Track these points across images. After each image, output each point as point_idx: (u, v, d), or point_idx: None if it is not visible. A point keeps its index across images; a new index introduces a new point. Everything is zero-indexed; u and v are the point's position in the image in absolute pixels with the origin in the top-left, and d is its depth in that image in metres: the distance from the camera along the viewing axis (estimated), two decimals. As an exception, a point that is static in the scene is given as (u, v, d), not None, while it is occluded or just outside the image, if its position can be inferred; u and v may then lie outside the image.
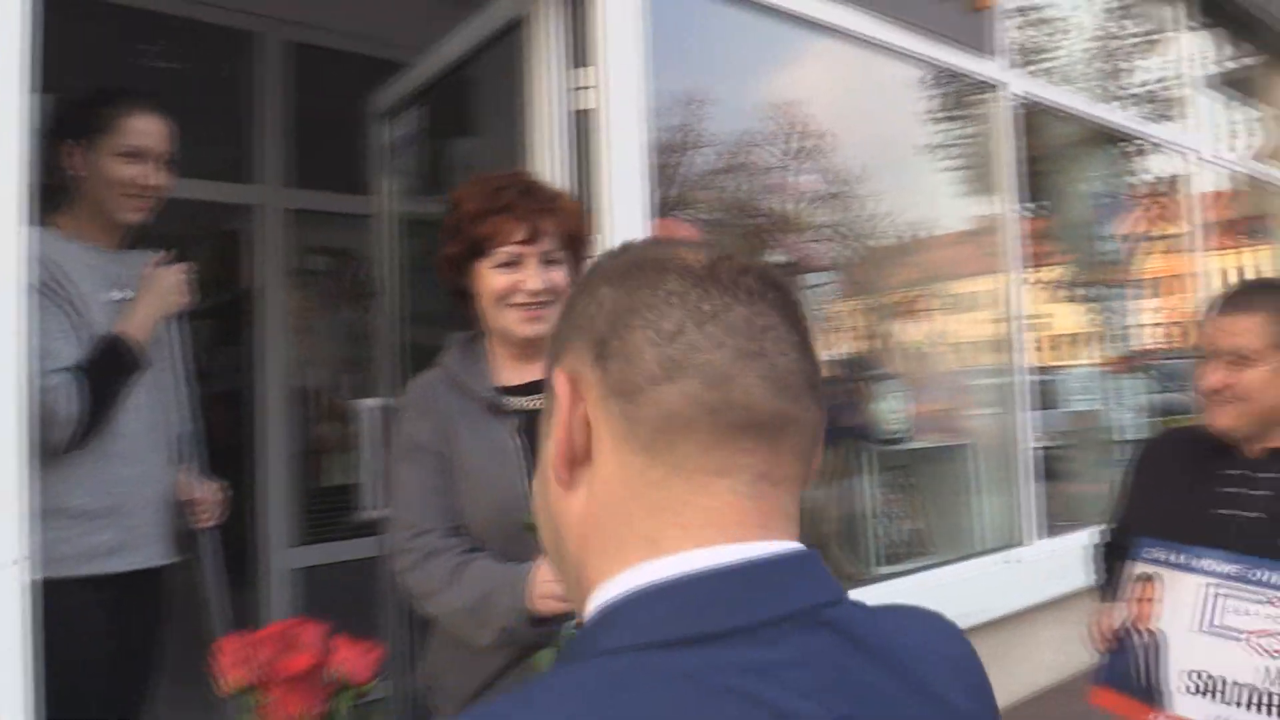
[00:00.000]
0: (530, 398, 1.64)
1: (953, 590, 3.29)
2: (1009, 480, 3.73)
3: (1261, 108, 5.99)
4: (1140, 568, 1.76)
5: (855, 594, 0.59)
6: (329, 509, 4.13)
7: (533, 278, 1.61)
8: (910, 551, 3.63)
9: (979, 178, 3.86)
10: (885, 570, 3.44)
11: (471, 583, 1.53)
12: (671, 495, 0.60)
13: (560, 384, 0.64)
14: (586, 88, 2.32)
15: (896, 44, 3.26)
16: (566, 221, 1.66)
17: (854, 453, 3.52)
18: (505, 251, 1.61)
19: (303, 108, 3.97)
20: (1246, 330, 1.67)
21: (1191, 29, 5.20)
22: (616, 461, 0.62)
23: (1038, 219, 4.22)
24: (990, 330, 3.84)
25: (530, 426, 1.57)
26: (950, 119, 3.82)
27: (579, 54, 2.33)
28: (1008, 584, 3.52)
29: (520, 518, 1.50)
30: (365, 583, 4.00)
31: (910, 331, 4.00)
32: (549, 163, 2.30)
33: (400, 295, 3.22)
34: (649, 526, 0.60)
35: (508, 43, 2.49)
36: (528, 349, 1.66)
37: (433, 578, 1.56)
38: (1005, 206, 3.77)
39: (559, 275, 1.64)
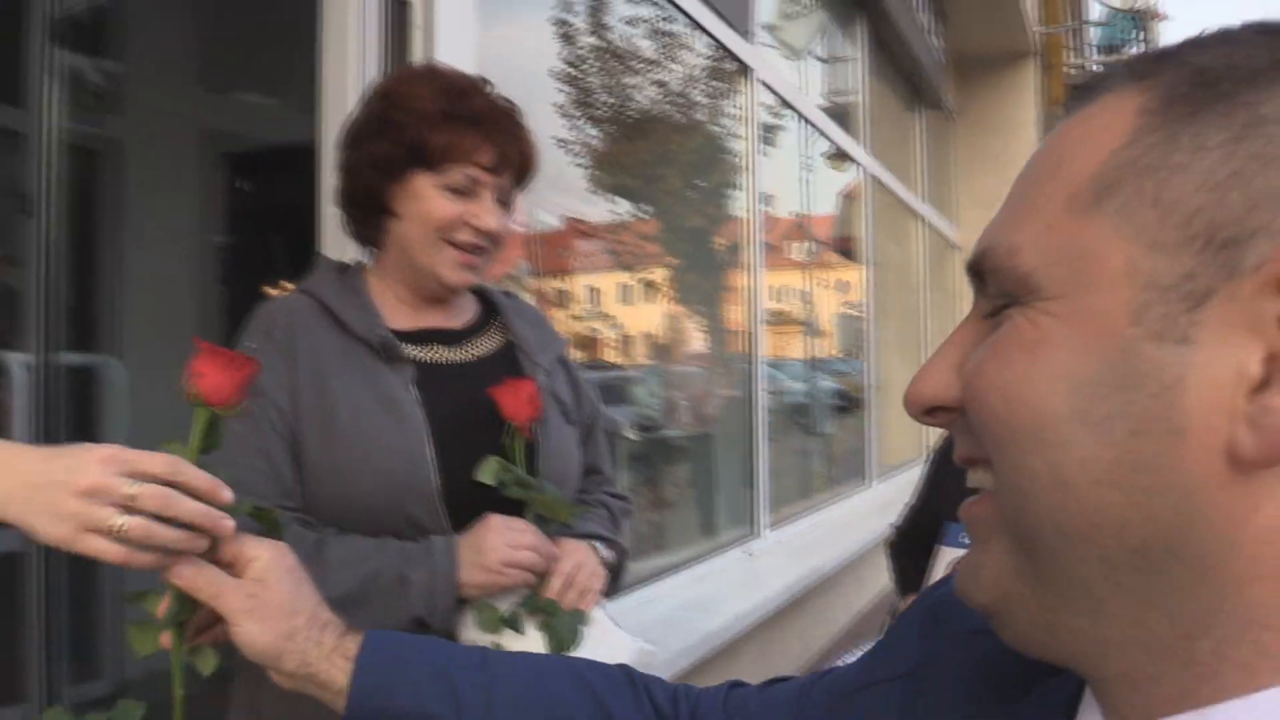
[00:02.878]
0: (425, 348, 1.30)
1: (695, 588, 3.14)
2: (748, 469, 3.68)
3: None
4: (956, 552, 1.75)
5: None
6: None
7: (488, 213, 1.25)
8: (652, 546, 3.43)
9: (729, 168, 3.77)
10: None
11: (344, 563, 1.14)
12: None
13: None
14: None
15: (686, 7, 3.02)
16: (528, 157, 1.31)
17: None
18: (462, 173, 1.23)
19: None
20: None
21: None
22: None
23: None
24: (732, 319, 3.77)
25: (425, 382, 1.25)
26: (712, 104, 3.68)
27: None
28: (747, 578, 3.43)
29: (428, 492, 1.20)
30: None
31: (661, 315, 3.83)
32: (355, 66, 1.78)
33: (58, 226, 2.44)
34: None
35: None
36: (431, 295, 1.31)
37: None
38: (751, 197, 3.69)
39: (506, 220, 1.30)
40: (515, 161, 1.29)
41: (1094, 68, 9.55)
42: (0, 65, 2.58)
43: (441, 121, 1.22)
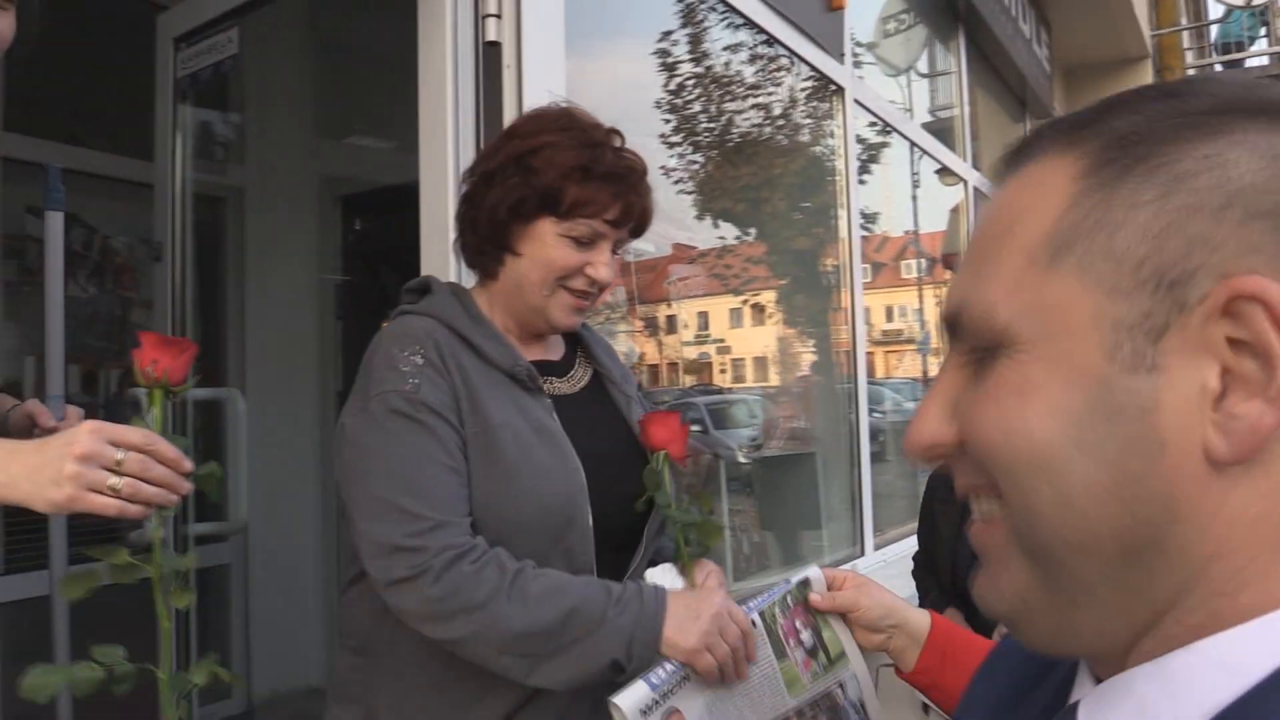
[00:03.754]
0: (563, 379, 1.37)
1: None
2: (853, 490, 3.64)
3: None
4: None
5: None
6: (35, 530, 3.37)
7: (605, 265, 1.31)
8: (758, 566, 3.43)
9: (832, 188, 3.76)
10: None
11: (547, 595, 1.14)
12: None
13: (1255, 291, 0.41)
14: (491, 16, 1.90)
15: (779, 34, 3.05)
16: (647, 213, 1.36)
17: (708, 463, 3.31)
18: (588, 225, 1.28)
19: (21, 35, 3.22)
20: None
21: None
22: None
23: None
24: (838, 340, 3.75)
25: (560, 412, 1.29)
26: (813, 125, 3.69)
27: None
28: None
29: (584, 523, 1.23)
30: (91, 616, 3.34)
31: (761, 335, 3.85)
32: (450, 106, 1.86)
33: (187, 270, 2.61)
34: None
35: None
36: (538, 331, 1.37)
37: (475, 585, 1.13)
38: (850, 217, 3.68)
39: (614, 267, 1.36)
40: (636, 217, 1.34)
41: (1215, 67, 9.17)
42: (135, 124, 2.77)
43: (579, 177, 1.27)
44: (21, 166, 3.34)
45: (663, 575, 1.26)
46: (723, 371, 4.06)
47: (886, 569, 3.70)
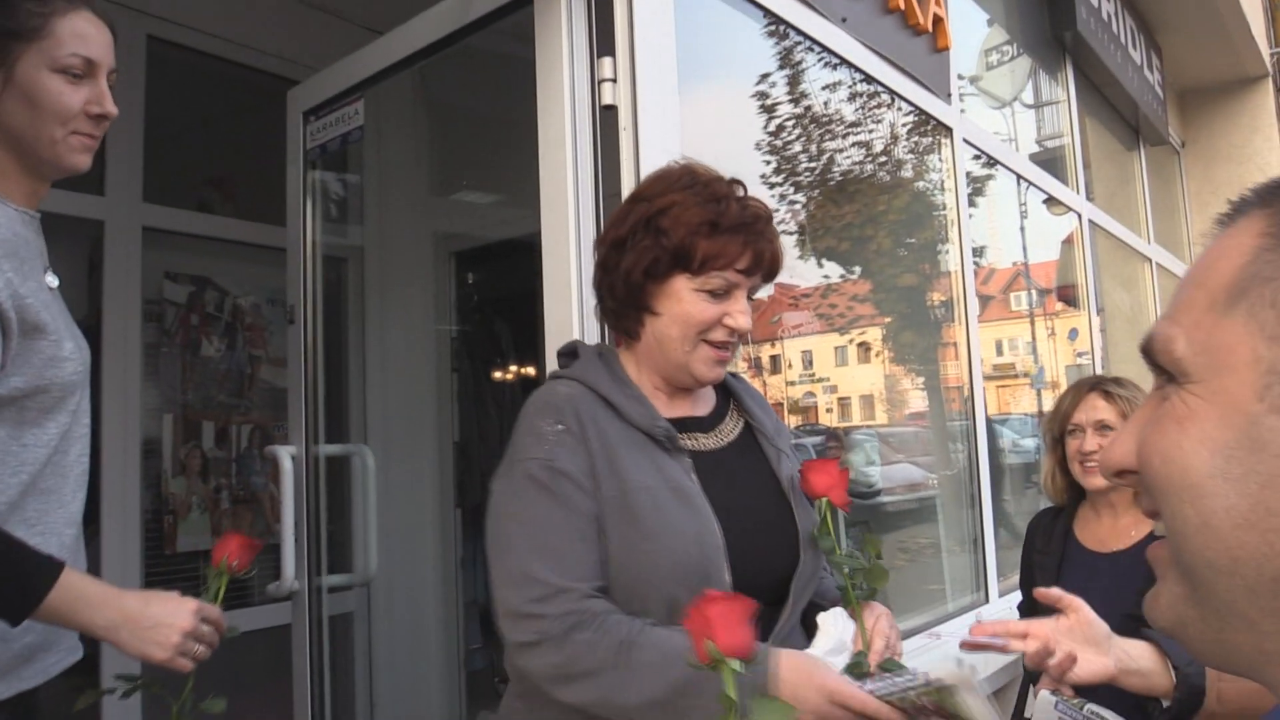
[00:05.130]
0: (688, 436, 1.37)
1: (924, 657, 3.03)
2: (975, 533, 3.56)
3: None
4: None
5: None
6: (179, 579, 3.53)
7: (742, 314, 1.34)
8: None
9: (938, 224, 3.73)
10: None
11: (656, 667, 1.15)
12: None
13: None
14: (607, 80, 1.95)
15: (883, 78, 3.04)
16: (778, 257, 1.39)
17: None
18: (721, 277, 1.32)
19: (160, 110, 3.44)
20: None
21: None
22: None
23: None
24: (951, 377, 3.69)
25: (698, 470, 1.30)
26: (915, 160, 3.67)
27: (601, 40, 1.97)
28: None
29: (723, 581, 1.24)
30: (236, 664, 3.46)
31: (868, 373, 3.81)
32: (570, 169, 1.91)
33: (314, 330, 2.72)
34: None
35: (495, 28, 2.11)
36: (683, 386, 1.40)
37: (589, 653, 1.16)
38: (962, 253, 3.63)
39: (751, 314, 1.39)
40: (767, 262, 1.37)
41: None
42: (272, 192, 2.92)
43: (707, 231, 1.31)
44: (159, 234, 3.55)
45: (834, 619, 1.28)
46: (829, 411, 4.02)
47: (1012, 615, 3.59)
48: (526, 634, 1.20)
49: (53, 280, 1.46)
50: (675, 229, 1.31)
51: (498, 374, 4.71)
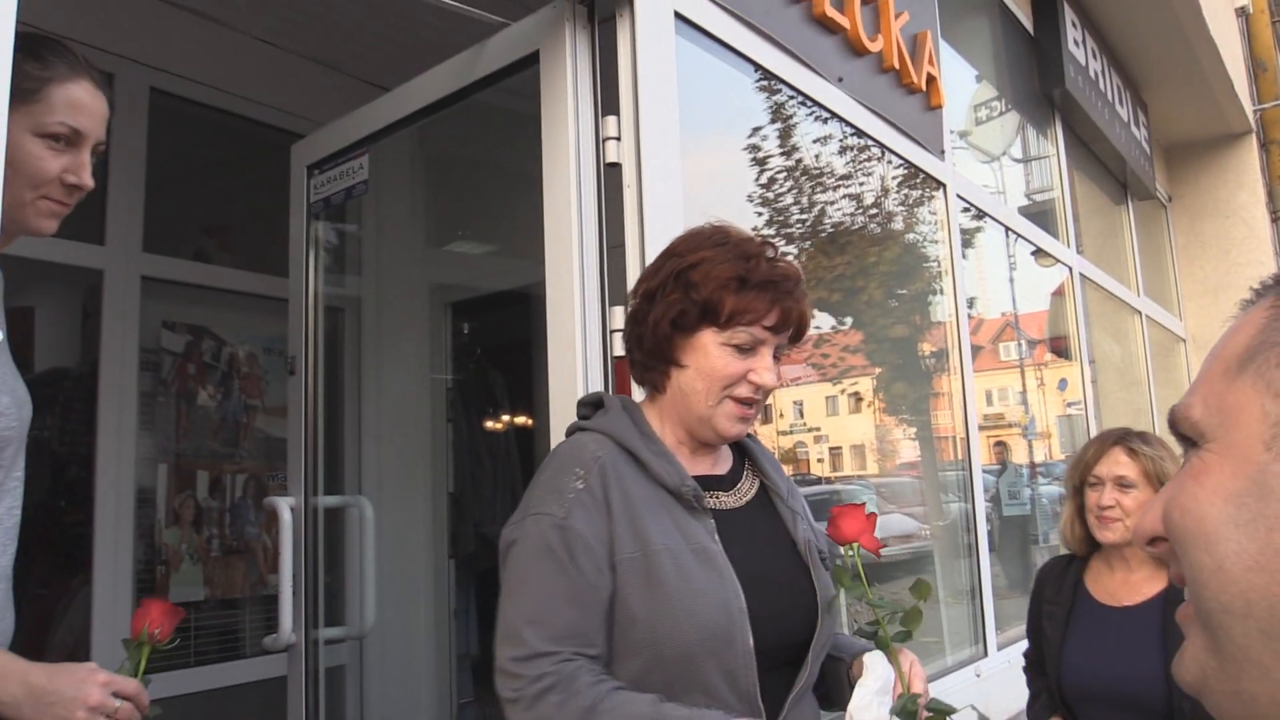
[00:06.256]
0: (709, 495, 1.37)
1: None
2: (972, 585, 3.54)
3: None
4: None
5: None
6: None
7: (768, 371, 1.36)
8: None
9: (929, 275, 3.76)
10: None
11: None
12: None
13: None
14: (611, 139, 1.98)
15: (877, 135, 3.09)
16: (805, 316, 1.41)
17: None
18: (748, 333, 1.34)
19: (161, 161, 3.47)
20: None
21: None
22: None
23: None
24: (944, 427, 3.70)
25: (720, 530, 1.31)
26: (906, 213, 3.71)
27: (605, 99, 2.00)
28: (977, 700, 3.27)
29: (745, 645, 1.25)
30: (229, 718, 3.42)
31: (859, 423, 3.82)
32: (575, 226, 1.94)
33: (315, 380, 2.72)
34: None
35: (501, 86, 2.14)
36: (707, 443, 1.41)
37: (556, 716, 1.18)
38: (956, 304, 3.66)
39: (778, 372, 1.40)
40: (794, 321, 1.39)
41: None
42: (269, 242, 2.94)
43: (735, 286, 1.33)
44: (157, 284, 3.56)
45: (879, 660, 1.30)
46: (820, 461, 4.03)
47: (1012, 669, 3.57)
48: (506, 690, 1.23)
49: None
50: (705, 283, 1.33)
51: (491, 424, 4.71)
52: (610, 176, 1.98)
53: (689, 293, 1.34)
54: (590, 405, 1.48)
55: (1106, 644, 2.17)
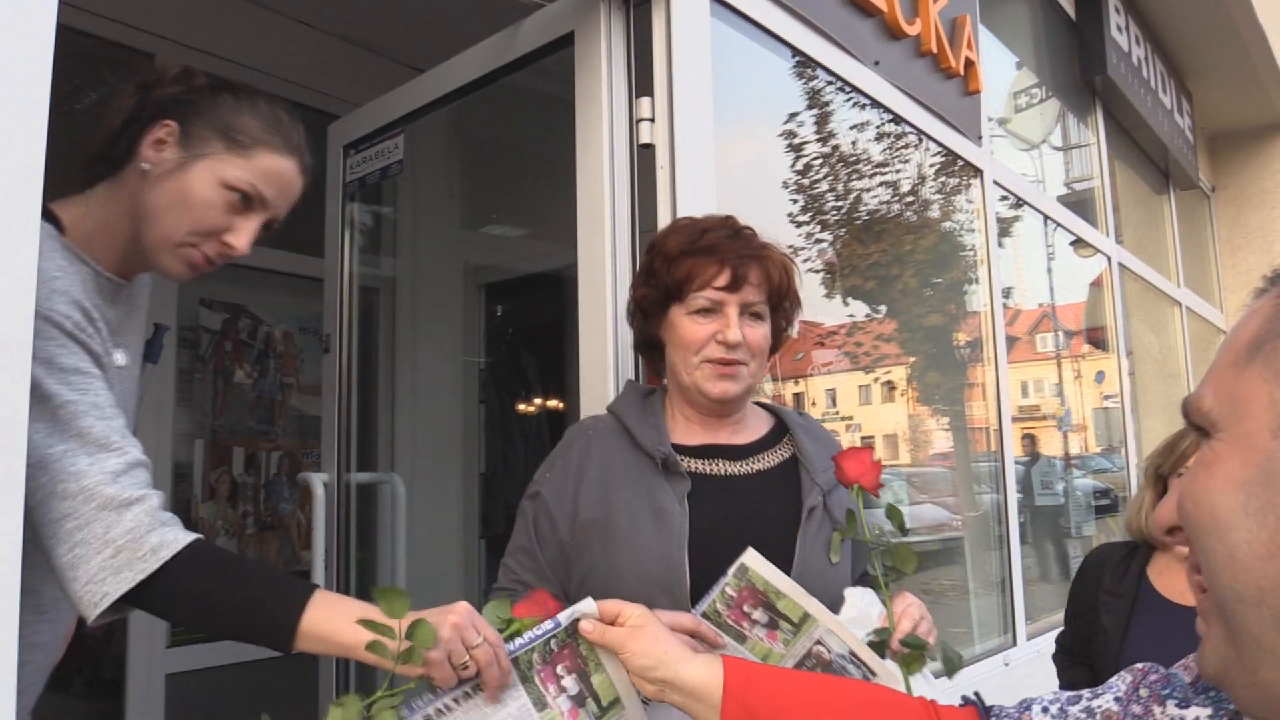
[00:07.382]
0: (708, 461, 1.46)
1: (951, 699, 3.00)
2: (1003, 575, 3.53)
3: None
4: None
5: None
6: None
7: (731, 328, 1.41)
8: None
9: (965, 264, 3.73)
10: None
11: None
12: None
13: None
14: (645, 120, 1.98)
15: (914, 119, 3.07)
16: (774, 272, 1.46)
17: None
18: (704, 297, 1.42)
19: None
20: None
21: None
22: None
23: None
24: (977, 417, 3.68)
25: (698, 493, 1.41)
26: (943, 200, 3.68)
27: (640, 81, 2.00)
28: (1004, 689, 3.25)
29: (680, 593, 1.34)
30: (253, 691, 3.46)
31: (892, 412, 3.80)
32: (608, 207, 1.94)
33: (350, 359, 2.75)
34: None
35: (536, 68, 2.15)
36: (710, 411, 1.49)
37: None
38: (991, 294, 3.63)
39: (759, 331, 1.46)
40: (756, 278, 1.43)
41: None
42: (309, 224, 2.97)
43: (684, 256, 1.42)
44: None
45: (860, 594, 1.32)
46: (852, 449, 4.00)
47: (1040, 660, 3.55)
48: None
49: (120, 359, 1.34)
50: (662, 266, 1.44)
51: (523, 406, 4.73)
52: (644, 158, 1.99)
53: (652, 280, 1.46)
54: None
55: (1177, 642, 2.08)
